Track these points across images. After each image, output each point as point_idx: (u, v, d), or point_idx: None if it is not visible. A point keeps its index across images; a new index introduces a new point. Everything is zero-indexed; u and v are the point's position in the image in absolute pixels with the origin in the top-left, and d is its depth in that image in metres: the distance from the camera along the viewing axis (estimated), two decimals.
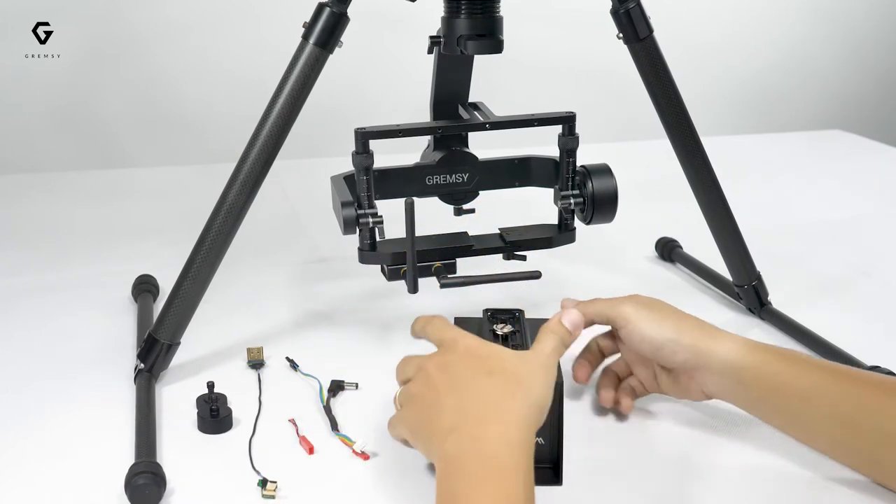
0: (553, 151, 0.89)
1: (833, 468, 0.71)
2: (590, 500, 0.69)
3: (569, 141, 0.85)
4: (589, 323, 0.77)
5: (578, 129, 0.86)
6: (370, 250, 0.84)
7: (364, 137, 0.81)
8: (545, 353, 0.67)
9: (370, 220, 0.82)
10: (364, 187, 0.82)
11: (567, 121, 0.85)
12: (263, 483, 0.69)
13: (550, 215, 0.93)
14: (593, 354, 0.81)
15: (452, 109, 0.93)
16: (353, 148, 0.81)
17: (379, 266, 0.86)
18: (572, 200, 0.87)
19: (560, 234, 0.90)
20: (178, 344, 0.86)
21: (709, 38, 2.09)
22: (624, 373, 0.81)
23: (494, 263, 0.92)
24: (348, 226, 0.82)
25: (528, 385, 0.63)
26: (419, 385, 0.65)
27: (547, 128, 0.87)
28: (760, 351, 0.71)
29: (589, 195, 0.86)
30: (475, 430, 0.59)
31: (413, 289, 0.84)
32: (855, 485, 0.69)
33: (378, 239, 0.84)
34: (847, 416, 0.67)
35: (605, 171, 0.86)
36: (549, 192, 0.91)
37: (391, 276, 0.84)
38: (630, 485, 0.71)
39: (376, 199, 0.83)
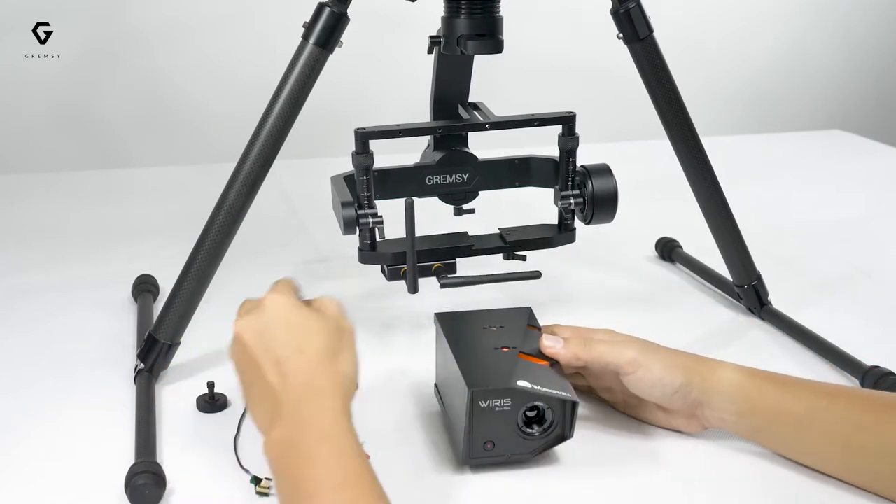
0: (553, 151, 0.89)
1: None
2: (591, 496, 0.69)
3: (569, 141, 0.85)
4: (581, 366, 0.75)
5: (578, 129, 0.86)
6: (370, 250, 0.84)
7: (364, 137, 0.81)
8: (336, 317, 0.69)
9: (370, 220, 0.82)
10: (364, 187, 0.82)
11: (567, 121, 0.85)
12: (256, 480, 0.69)
13: (550, 215, 0.93)
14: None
15: (452, 109, 0.93)
16: (353, 148, 0.81)
17: (379, 266, 0.86)
18: (572, 200, 0.87)
19: (560, 234, 0.90)
20: (178, 344, 0.86)
21: (709, 38, 2.09)
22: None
23: (494, 263, 0.92)
24: (348, 226, 0.82)
25: (342, 353, 0.67)
26: (237, 354, 0.65)
27: (547, 128, 0.87)
28: (758, 378, 0.72)
29: (589, 195, 0.86)
30: (297, 412, 0.60)
31: (413, 289, 0.84)
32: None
33: (378, 239, 0.84)
34: (846, 437, 0.68)
35: (605, 171, 0.86)
36: (549, 192, 0.91)
37: (391, 276, 0.84)
38: (631, 480, 0.71)
39: (376, 199, 0.83)
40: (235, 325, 0.66)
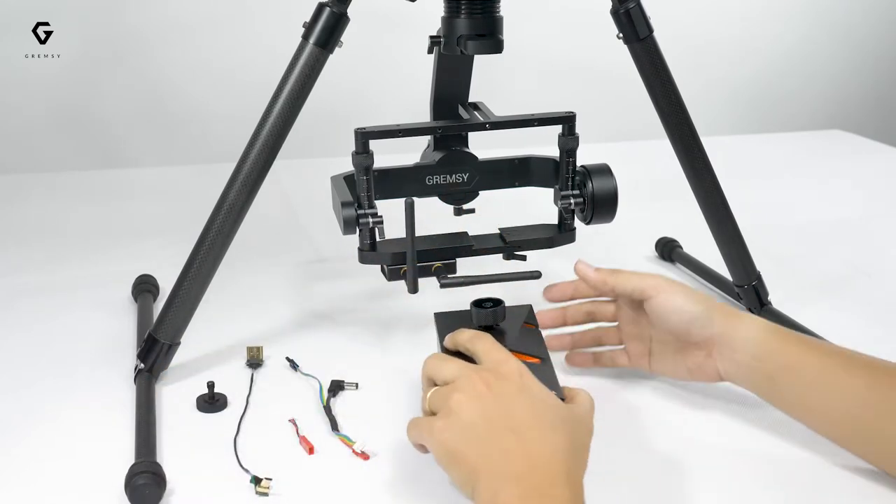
0: (553, 151, 0.89)
1: (836, 455, 0.71)
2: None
3: (569, 141, 0.85)
4: (610, 292, 0.79)
5: (578, 129, 0.86)
6: (370, 250, 0.84)
7: (364, 137, 0.81)
8: (588, 415, 0.66)
9: (370, 220, 0.82)
10: (364, 187, 0.82)
11: (567, 121, 0.85)
12: (256, 481, 0.69)
13: (550, 215, 0.93)
14: (590, 340, 0.85)
15: (452, 109, 0.93)
16: (353, 148, 0.81)
17: (379, 266, 0.86)
18: (572, 200, 0.87)
19: (560, 234, 0.90)
20: (179, 344, 0.86)
21: (709, 38, 2.09)
22: (609, 340, 0.84)
23: (494, 263, 0.92)
24: (348, 226, 0.82)
25: (582, 449, 0.63)
26: (469, 400, 0.60)
27: (547, 128, 0.87)
28: (781, 332, 0.73)
29: (589, 195, 0.86)
30: (545, 489, 0.56)
31: (413, 289, 0.84)
32: (860, 471, 0.69)
33: (378, 239, 0.84)
34: (859, 397, 0.67)
35: (605, 171, 0.86)
36: (549, 192, 0.91)
37: (391, 276, 0.84)
38: (627, 468, 0.71)
39: (376, 199, 0.83)
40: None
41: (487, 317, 0.79)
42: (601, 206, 0.86)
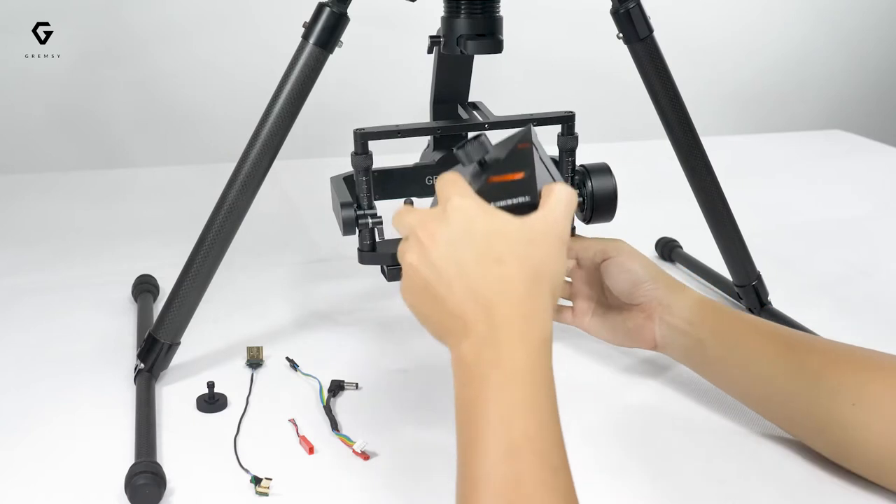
0: (553, 151, 0.89)
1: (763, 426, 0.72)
2: None
3: (568, 140, 0.85)
4: (574, 258, 0.83)
5: (578, 129, 0.86)
6: (370, 251, 0.84)
7: (363, 138, 0.81)
8: (558, 220, 0.59)
9: (369, 220, 0.82)
10: (364, 188, 0.82)
11: (566, 120, 0.85)
12: (257, 481, 0.69)
13: None
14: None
15: (452, 109, 0.93)
16: (352, 148, 0.81)
17: (379, 266, 0.86)
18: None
19: None
20: (179, 344, 0.86)
21: (709, 38, 2.09)
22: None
23: None
24: (348, 227, 0.82)
25: (544, 272, 0.57)
26: (416, 258, 0.58)
27: (546, 127, 0.87)
28: (715, 304, 0.79)
29: (588, 195, 0.86)
30: (492, 334, 0.54)
31: None
32: (786, 442, 0.70)
33: (378, 239, 0.84)
34: (772, 362, 0.72)
35: (604, 170, 0.86)
36: None
37: (391, 276, 0.84)
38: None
39: (376, 199, 0.83)
40: (411, 239, 0.58)
41: (461, 156, 0.67)
42: (601, 205, 0.85)
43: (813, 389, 0.69)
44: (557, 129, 0.86)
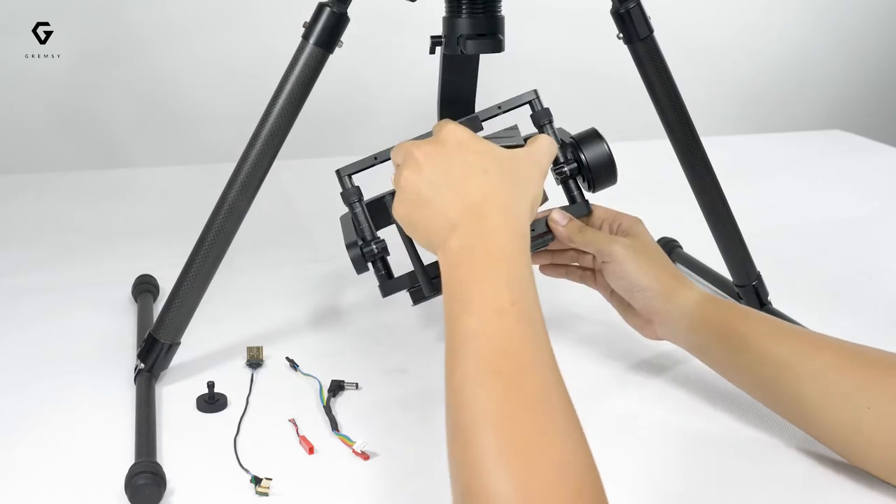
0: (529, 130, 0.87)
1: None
2: None
3: (540, 115, 0.82)
4: (575, 247, 0.83)
5: (578, 128, 0.85)
6: (388, 279, 0.81)
7: (346, 174, 0.80)
8: (540, 153, 0.69)
9: (374, 247, 0.80)
10: (361, 219, 0.80)
11: (529, 100, 0.82)
12: (257, 481, 0.69)
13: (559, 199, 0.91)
14: (567, 258, 0.87)
15: (460, 110, 0.92)
16: (352, 147, 0.81)
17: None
18: (566, 169, 0.83)
19: (572, 206, 0.86)
20: (179, 344, 0.86)
21: (709, 38, 2.09)
22: (585, 263, 0.86)
23: None
24: (359, 265, 0.80)
25: (524, 185, 0.66)
26: (411, 174, 0.65)
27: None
28: (713, 303, 0.78)
29: (584, 164, 0.83)
30: (478, 225, 0.61)
31: (429, 291, 0.81)
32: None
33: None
34: (782, 362, 0.71)
35: (592, 136, 0.83)
36: (549, 184, 0.90)
37: (416, 299, 0.82)
38: None
39: (379, 227, 0.82)
40: (406, 154, 0.66)
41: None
42: (599, 171, 0.83)
43: (825, 391, 0.68)
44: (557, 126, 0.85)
